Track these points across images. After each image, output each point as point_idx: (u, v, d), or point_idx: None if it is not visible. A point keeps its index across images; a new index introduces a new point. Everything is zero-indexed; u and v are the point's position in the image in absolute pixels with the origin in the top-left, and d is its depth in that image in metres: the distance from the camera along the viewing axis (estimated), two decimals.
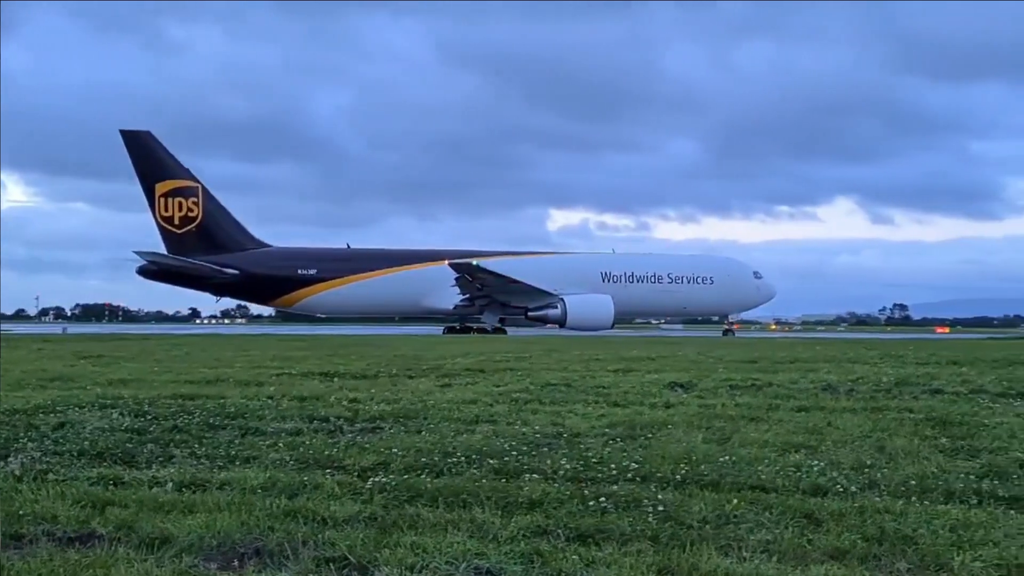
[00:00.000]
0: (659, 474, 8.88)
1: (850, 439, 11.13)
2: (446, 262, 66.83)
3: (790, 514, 7.38)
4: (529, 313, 70.35)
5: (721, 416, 13.23)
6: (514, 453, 9.97)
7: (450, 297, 70.52)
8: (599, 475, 8.91)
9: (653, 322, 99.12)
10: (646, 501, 7.75)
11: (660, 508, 7.51)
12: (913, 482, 8.55)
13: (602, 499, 7.78)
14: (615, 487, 8.36)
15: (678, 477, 8.75)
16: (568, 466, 9.24)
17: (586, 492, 8.09)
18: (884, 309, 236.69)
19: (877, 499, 7.93)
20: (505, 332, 69.44)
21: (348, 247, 76.41)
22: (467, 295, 69.83)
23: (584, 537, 6.77)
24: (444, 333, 70.63)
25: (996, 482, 8.63)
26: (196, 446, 10.54)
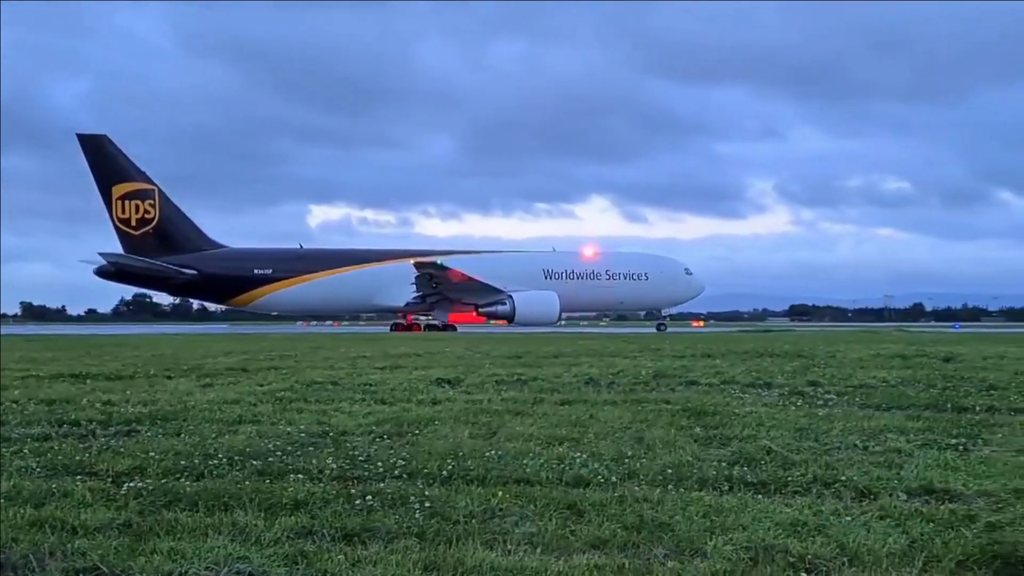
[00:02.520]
0: (426, 470, 8.87)
1: (611, 431, 11.44)
2: (399, 262, 71.70)
3: (554, 506, 7.50)
4: (480, 309, 73.51)
5: (487, 411, 13.36)
6: (278, 453, 9.76)
7: (401, 295, 73.32)
8: (366, 473, 8.82)
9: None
10: (413, 498, 7.72)
11: (427, 504, 7.50)
12: (670, 471, 8.86)
13: (369, 497, 7.71)
14: (382, 485, 8.30)
15: (445, 473, 8.76)
16: (334, 465, 9.11)
17: (352, 491, 8.00)
18: None
19: (636, 488, 8.16)
20: (455, 329, 71.75)
21: (301, 247, 78.63)
22: (420, 293, 72.38)
23: (350, 536, 6.68)
24: (391, 330, 74.18)
25: (745, 468, 9.05)
26: None
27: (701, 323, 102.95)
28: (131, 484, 8.27)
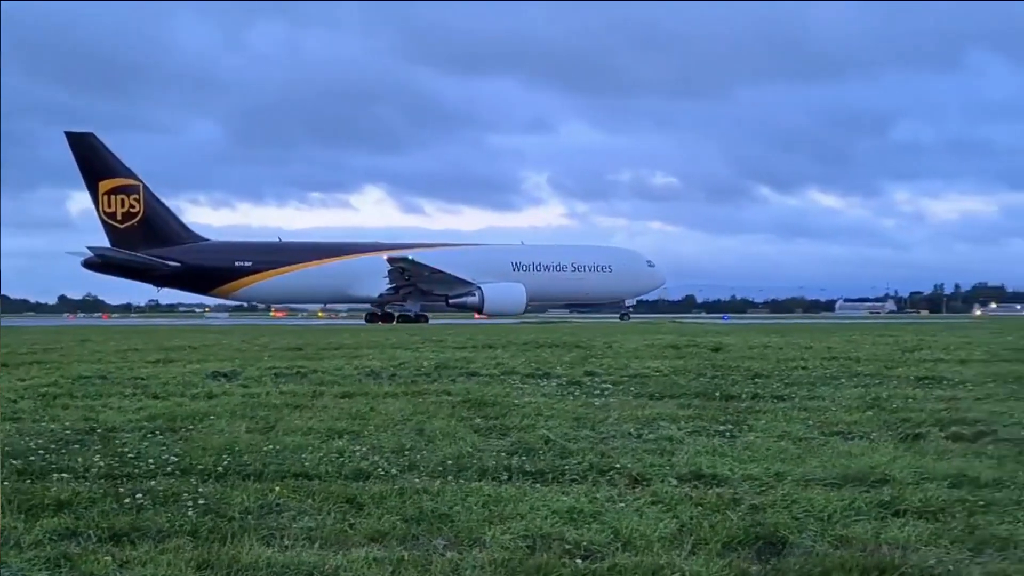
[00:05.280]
0: (200, 466, 8.63)
1: (392, 423, 11.41)
2: (373, 255, 74.61)
3: (333, 500, 7.43)
4: (450, 300, 76.18)
5: (265, 405, 13.12)
6: (41, 452, 9.29)
7: (375, 286, 75.21)
8: (136, 471, 8.51)
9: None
10: (186, 495, 7.50)
11: (201, 501, 7.30)
12: (450, 462, 8.91)
13: (139, 496, 7.44)
14: (153, 482, 8.02)
15: (220, 469, 8.54)
16: (102, 463, 8.75)
17: (121, 489, 7.69)
18: None
19: (416, 480, 8.18)
20: (427, 320, 74.68)
21: (280, 240, 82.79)
22: (394, 285, 74.28)
23: (118, 536, 6.42)
24: (367, 321, 77.47)
25: (524, 458, 9.20)
26: None
27: (486, 315, 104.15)
28: None
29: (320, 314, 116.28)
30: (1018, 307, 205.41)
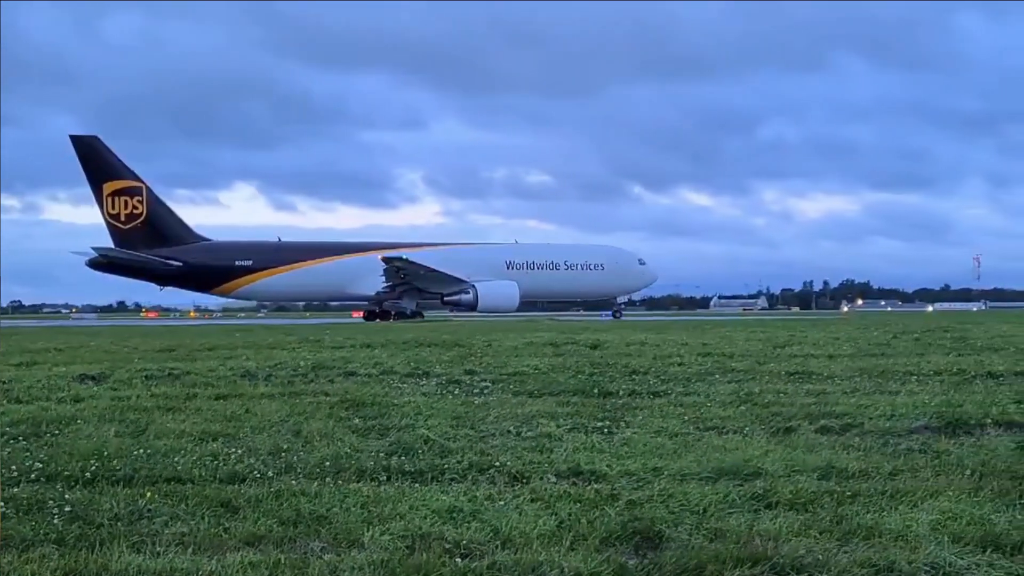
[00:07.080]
0: (67, 472, 8.35)
1: (268, 425, 11.24)
2: (371, 253, 75.57)
3: (207, 504, 7.27)
4: (445, 298, 78.14)
5: (136, 408, 12.79)
6: None
7: (372, 284, 76.99)
8: None
9: None
10: (52, 502, 7.25)
11: (67, 509, 7.06)
12: (328, 463, 8.80)
13: (0, 504, 7.14)
14: (16, 490, 7.72)
15: (88, 474, 8.27)
16: None
17: None
18: None
19: (293, 482, 8.06)
20: (423, 316, 77.54)
21: (280, 240, 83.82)
22: (390, 283, 76.20)
23: None
24: (365, 319, 79.47)
25: (404, 458, 9.14)
26: None
27: (361, 313, 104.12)
28: None
29: (192, 314, 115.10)
30: (883, 303, 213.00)
